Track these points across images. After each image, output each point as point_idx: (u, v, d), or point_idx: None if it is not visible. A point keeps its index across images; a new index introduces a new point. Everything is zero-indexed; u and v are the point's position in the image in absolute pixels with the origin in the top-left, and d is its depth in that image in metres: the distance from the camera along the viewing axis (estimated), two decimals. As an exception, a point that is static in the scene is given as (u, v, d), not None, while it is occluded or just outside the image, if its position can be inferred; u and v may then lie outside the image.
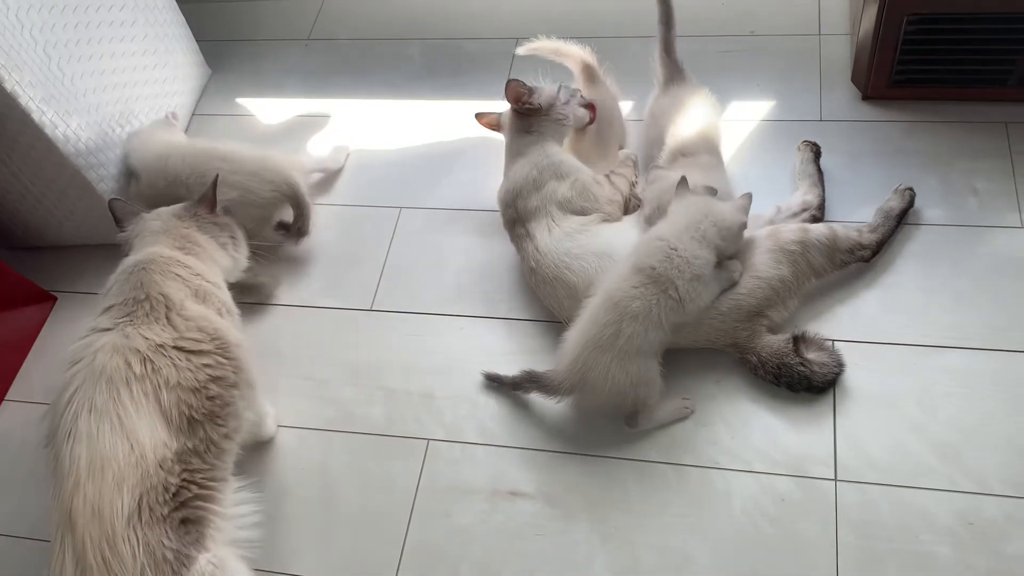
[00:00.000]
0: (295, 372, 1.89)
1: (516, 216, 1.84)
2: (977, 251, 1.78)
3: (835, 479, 1.57)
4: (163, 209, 1.75)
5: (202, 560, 1.35)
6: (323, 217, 2.12)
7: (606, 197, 1.83)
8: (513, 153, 1.89)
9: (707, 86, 1.96)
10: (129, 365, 1.43)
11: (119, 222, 1.73)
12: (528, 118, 1.88)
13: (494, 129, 1.96)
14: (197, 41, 2.44)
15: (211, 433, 1.46)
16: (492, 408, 1.77)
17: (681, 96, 1.92)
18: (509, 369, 1.76)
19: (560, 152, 1.87)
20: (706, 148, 1.86)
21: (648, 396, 1.62)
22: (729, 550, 1.53)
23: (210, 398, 1.48)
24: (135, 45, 2.15)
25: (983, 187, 1.87)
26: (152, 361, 1.45)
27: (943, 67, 1.95)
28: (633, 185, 1.90)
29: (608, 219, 1.82)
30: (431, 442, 1.75)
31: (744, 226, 1.67)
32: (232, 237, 1.79)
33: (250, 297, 1.97)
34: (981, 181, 1.88)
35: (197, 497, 1.40)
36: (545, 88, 1.89)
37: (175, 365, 1.46)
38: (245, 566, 1.43)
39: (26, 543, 1.74)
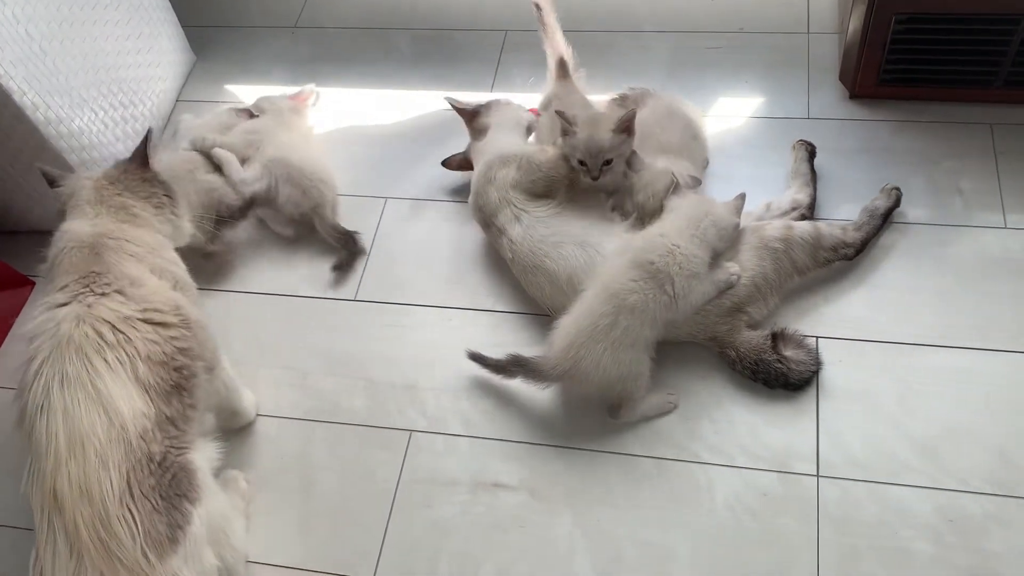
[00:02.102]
0: (277, 362, 1.88)
1: (484, 217, 1.85)
2: (961, 251, 1.79)
3: (817, 475, 1.58)
4: (96, 171, 1.69)
5: (195, 519, 1.35)
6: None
7: (550, 161, 1.82)
8: (477, 163, 1.93)
9: (694, 82, 1.96)
10: (100, 334, 1.38)
11: (52, 182, 1.67)
12: (472, 125, 1.97)
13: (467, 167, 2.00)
14: (182, 26, 2.41)
15: (179, 404, 1.43)
16: (475, 400, 1.76)
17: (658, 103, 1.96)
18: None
19: (505, 142, 1.90)
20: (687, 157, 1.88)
21: (635, 389, 1.62)
22: (710, 544, 1.53)
23: (176, 369, 1.44)
24: (119, 29, 2.12)
25: (968, 187, 1.88)
26: (122, 331, 1.40)
27: (930, 67, 1.96)
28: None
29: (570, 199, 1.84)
30: (413, 433, 1.74)
31: (738, 227, 1.67)
32: (167, 196, 1.71)
33: (206, 264, 1.99)
34: (966, 181, 1.89)
35: (180, 455, 1.39)
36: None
37: (144, 337, 1.42)
38: (229, 501, 1.49)
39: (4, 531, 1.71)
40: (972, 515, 1.50)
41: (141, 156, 1.69)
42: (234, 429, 1.76)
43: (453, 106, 2.00)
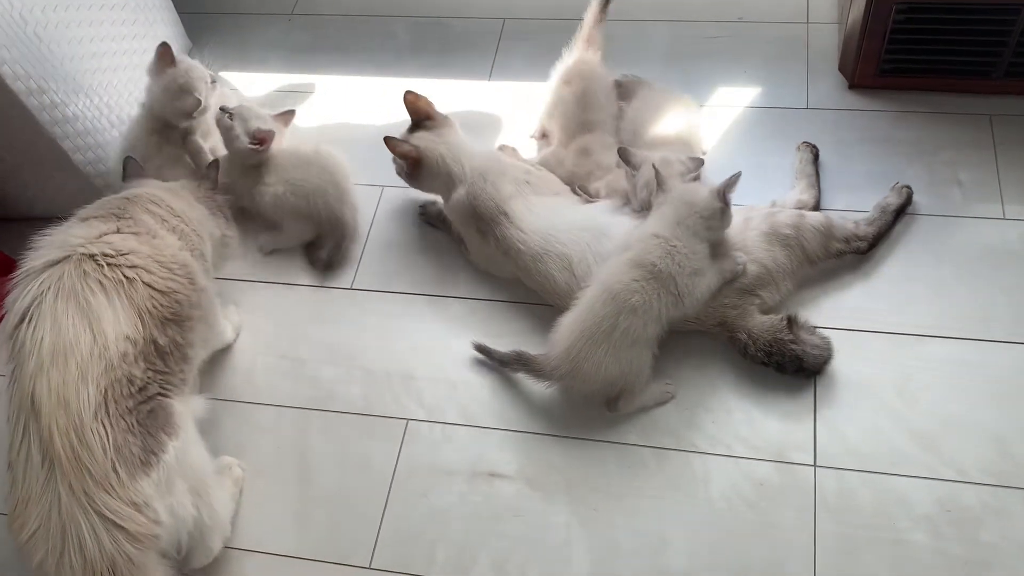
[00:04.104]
0: (273, 350, 1.87)
1: (484, 213, 1.80)
2: (960, 241, 1.79)
3: (814, 465, 1.58)
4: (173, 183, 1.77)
5: (170, 450, 1.37)
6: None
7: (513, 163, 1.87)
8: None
9: (693, 72, 1.95)
10: (105, 254, 1.43)
11: (126, 179, 1.74)
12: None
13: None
14: (178, 13, 2.39)
15: (176, 336, 1.47)
16: (473, 389, 1.76)
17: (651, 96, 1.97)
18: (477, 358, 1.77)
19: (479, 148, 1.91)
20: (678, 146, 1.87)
21: (636, 384, 1.62)
22: (707, 534, 1.53)
23: (177, 302, 1.49)
24: (115, 14, 2.10)
25: (967, 178, 1.87)
26: (126, 256, 1.45)
27: (930, 58, 1.95)
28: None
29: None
30: (410, 422, 1.73)
31: (724, 211, 1.63)
32: (224, 214, 1.79)
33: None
34: (965, 172, 1.88)
35: (161, 394, 1.42)
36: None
37: (147, 268, 1.47)
38: (202, 450, 1.50)
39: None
40: (970, 506, 1.50)
41: (214, 181, 1.79)
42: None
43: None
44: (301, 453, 1.72)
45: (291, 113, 2.12)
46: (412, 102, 1.87)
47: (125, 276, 1.43)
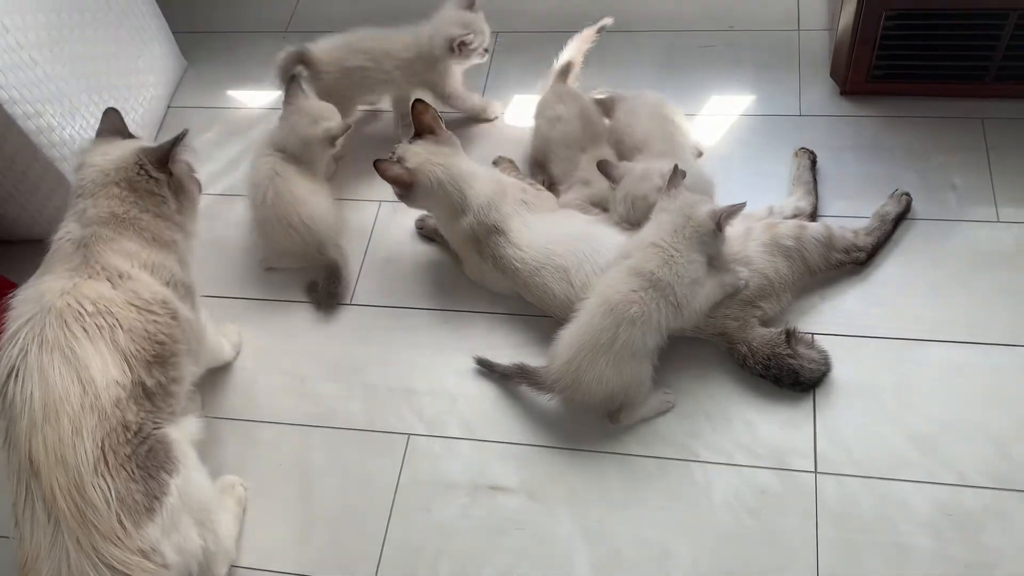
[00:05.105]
0: (274, 368, 1.87)
1: (483, 232, 1.80)
2: (955, 245, 1.80)
3: (815, 471, 1.58)
4: (113, 152, 1.58)
5: (172, 490, 1.36)
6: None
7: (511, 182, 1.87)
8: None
9: (686, 81, 1.96)
10: (81, 304, 1.40)
11: (100, 133, 1.65)
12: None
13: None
14: (173, 32, 2.41)
15: (163, 375, 1.45)
16: (473, 402, 1.76)
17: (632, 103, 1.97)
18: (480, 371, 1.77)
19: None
20: (662, 138, 1.87)
21: (637, 395, 1.63)
22: (710, 543, 1.54)
23: (159, 343, 1.46)
24: (110, 36, 2.11)
25: (960, 182, 1.88)
26: (104, 305, 1.42)
27: (921, 63, 1.97)
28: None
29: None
30: (412, 437, 1.74)
31: (717, 233, 1.61)
32: (175, 202, 1.62)
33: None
34: (958, 176, 1.89)
35: (156, 427, 1.40)
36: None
37: (127, 313, 1.43)
38: (204, 478, 1.47)
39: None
40: (970, 509, 1.50)
41: (162, 155, 1.57)
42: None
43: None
44: (303, 470, 1.73)
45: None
46: (420, 113, 1.82)
47: (106, 323, 1.40)
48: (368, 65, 2.07)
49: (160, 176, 1.57)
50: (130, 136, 1.67)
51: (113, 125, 1.66)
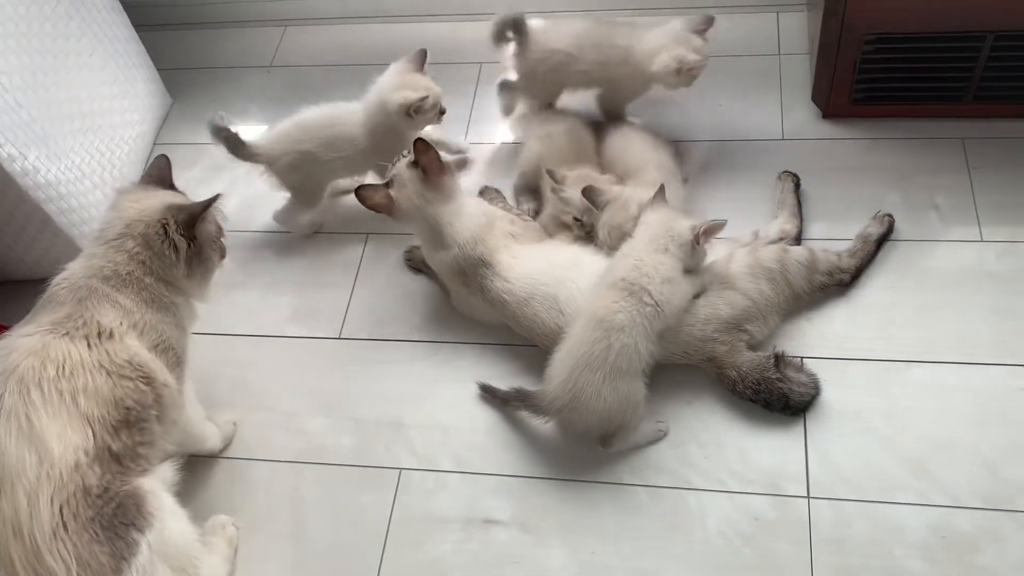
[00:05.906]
0: (263, 404, 1.86)
1: (470, 266, 1.79)
2: (940, 265, 1.81)
3: (808, 496, 1.58)
4: (143, 202, 1.56)
5: (143, 548, 1.33)
6: (290, 244, 2.12)
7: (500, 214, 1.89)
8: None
9: (667, 107, 1.97)
10: (44, 367, 1.37)
11: (143, 178, 1.64)
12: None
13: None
14: (158, 70, 2.42)
15: (130, 439, 1.41)
16: (464, 435, 1.75)
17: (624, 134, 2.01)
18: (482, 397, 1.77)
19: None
20: (655, 166, 1.90)
21: (633, 418, 1.62)
22: (705, 571, 1.53)
23: (126, 408, 1.42)
24: (94, 75, 2.12)
25: (943, 202, 1.90)
26: (70, 368, 1.38)
27: (901, 85, 1.99)
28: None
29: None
30: (403, 471, 1.73)
31: (696, 246, 1.63)
32: (191, 267, 1.60)
33: None
34: (941, 196, 1.91)
35: (124, 485, 1.37)
36: None
37: (92, 376, 1.40)
38: (183, 524, 1.43)
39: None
40: (964, 531, 1.50)
41: (191, 218, 1.55)
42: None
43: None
44: (295, 507, 1.72)
45: None
46: (420, 153, 1.77)
47: (67, 387, 1.37)
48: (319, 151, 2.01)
49: (180, 240, 1.55)
50: (171, 187, 1.66)
51: (159, 172, 1.65)
